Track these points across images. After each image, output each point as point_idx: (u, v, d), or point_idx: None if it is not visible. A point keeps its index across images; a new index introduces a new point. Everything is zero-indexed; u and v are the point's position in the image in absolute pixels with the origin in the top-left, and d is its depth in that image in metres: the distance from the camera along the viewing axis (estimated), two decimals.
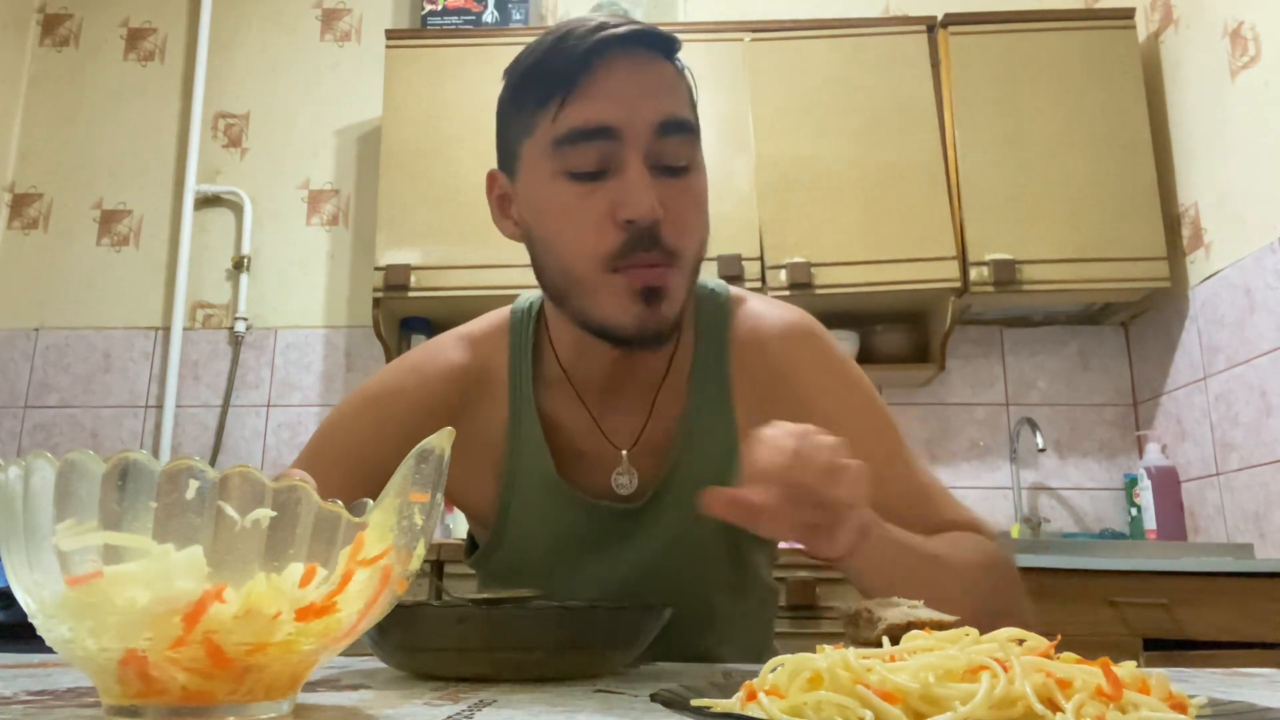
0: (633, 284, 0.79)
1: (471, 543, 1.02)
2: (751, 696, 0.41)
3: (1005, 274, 2.50)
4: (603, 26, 0.80)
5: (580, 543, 0.90)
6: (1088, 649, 0.43)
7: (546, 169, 0.81)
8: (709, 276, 0.98)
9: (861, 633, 0.63)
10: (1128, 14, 2.69)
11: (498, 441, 0.92)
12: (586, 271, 0.80)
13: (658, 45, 0.83)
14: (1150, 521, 2.52)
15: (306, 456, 0.93)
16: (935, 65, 2.69)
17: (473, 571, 1.02)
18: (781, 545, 1.10)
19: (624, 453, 0.90)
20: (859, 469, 0.68)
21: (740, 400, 0.91)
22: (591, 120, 0.78)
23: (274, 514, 0.42)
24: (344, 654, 0.79)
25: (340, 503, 0.44)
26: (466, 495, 0.94)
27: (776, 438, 0.67)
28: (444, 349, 0.95)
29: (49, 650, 0.48)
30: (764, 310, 0.95)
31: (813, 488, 0.66)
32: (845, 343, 2.64)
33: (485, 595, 0.76)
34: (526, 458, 0.91)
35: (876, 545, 0.72)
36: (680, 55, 0.86)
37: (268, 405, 2.90)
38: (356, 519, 0.44)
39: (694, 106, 0.86)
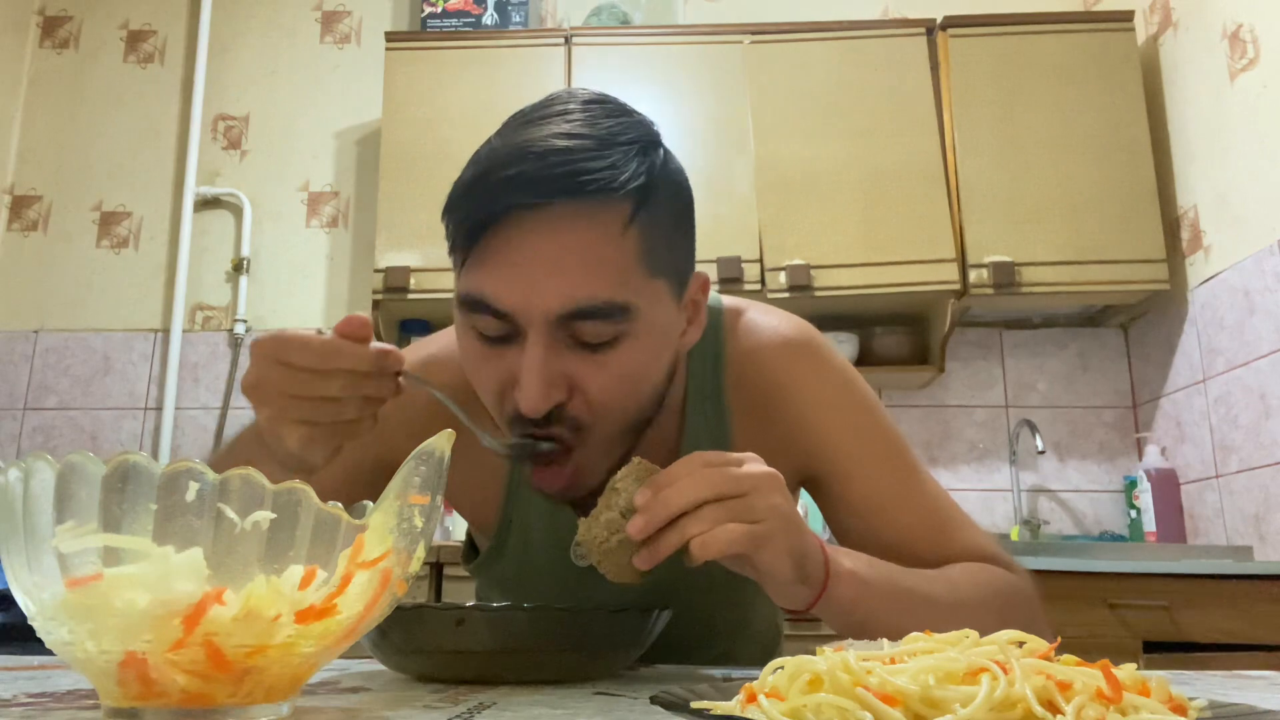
0: (534, 460, 0.74)
1: (470, 546, 1.02)
2: (751, 699, 0.41)
3: (1005, 276, 2.50)
4: (520, 166, 0.66)
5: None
6: (1087, 651, 0.43)
7: (460, 313, 0.73)
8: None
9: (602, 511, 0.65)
10: (1127, 16, 2.70)
11: None
12: (496, 417, 0.75)
13: (590, 191, 0.66)
14: (1150, 524, 2.52)
15: None
16: (934, 67, 2.69)
17: (471, 576, 1.02)
18: None
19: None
20: (772, 475, 0.65)
21: (737, 421, 0.88)
22: (487, 298, 0.68)
23: (274, 516, 0.42)
24: (344, 656, 0.79)
25: (340, 505, 0.44)
26: (471, 503, 0.93)
27: (673, 473, 0.64)
28: None
29: (49, 652, 0.47)
30: (761, 322, 0.90)
31: (720, 492, 0.63)
32: (845, 345, 2.63)
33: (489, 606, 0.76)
34: (528, 472, 0.90)
35: (846, 587, 0.69)
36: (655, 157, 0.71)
37: None
38: (356, 521, 0.44)
39: (649, 253, 0.70)
